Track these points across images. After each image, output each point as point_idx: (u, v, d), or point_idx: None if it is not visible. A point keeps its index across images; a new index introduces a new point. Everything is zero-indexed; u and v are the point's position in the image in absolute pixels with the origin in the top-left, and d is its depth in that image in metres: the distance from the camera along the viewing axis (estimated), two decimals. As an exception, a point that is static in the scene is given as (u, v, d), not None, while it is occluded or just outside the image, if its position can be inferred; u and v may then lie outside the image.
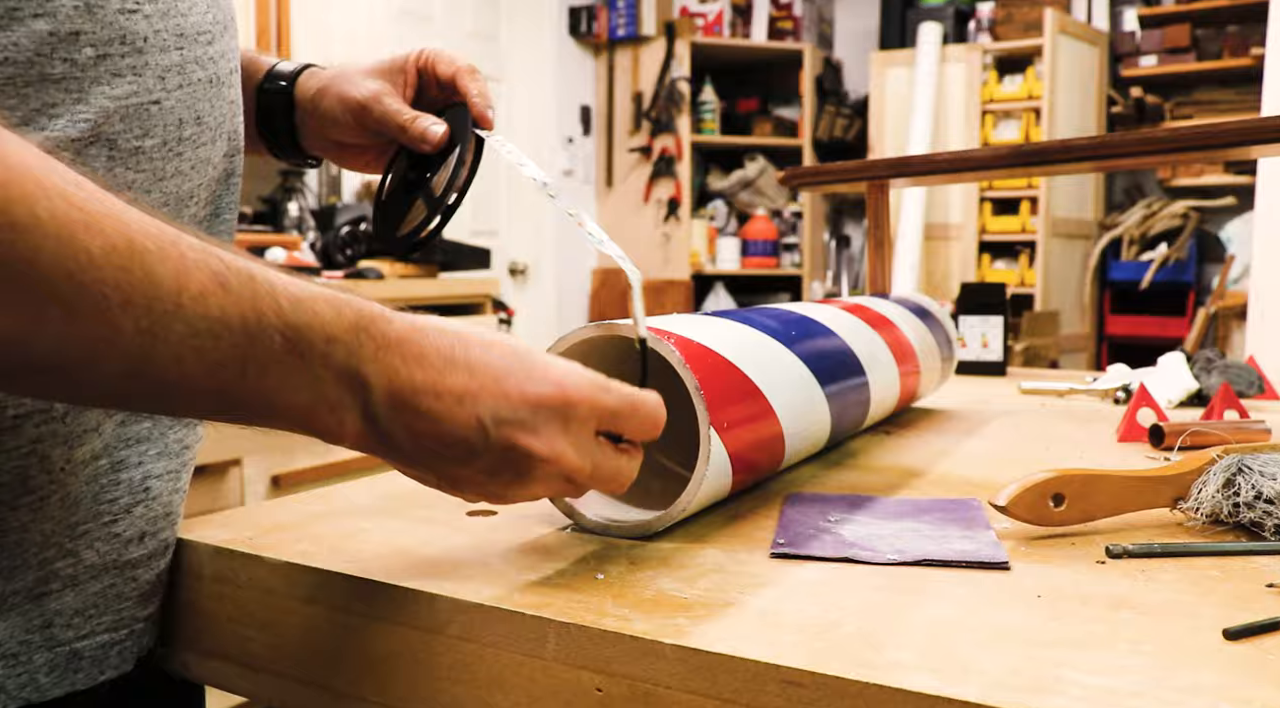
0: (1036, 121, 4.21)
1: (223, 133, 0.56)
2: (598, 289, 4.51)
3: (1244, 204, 4.05)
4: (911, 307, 0.95)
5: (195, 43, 0.52)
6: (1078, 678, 0.37)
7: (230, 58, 0.57)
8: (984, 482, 0.69)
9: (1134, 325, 4.43)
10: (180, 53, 0.51)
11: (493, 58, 4.04)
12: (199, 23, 0.53)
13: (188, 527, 0.57)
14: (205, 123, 0.54)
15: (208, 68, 0.53)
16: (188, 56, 0.52)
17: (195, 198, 0.55)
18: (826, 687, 0.37)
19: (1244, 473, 0.56)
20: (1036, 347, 3.81)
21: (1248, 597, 0.46)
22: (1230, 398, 0.93)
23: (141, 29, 0.49)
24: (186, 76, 0.52)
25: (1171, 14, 4.29)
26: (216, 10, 0.55)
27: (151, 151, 0.50)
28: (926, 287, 4.37)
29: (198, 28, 0.53)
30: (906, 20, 4.64)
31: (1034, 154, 1.14)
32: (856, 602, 0.45)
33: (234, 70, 0.58)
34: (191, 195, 0.54)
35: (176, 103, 0.51)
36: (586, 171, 4.53)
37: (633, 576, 0.49)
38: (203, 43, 0.53)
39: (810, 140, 4.65)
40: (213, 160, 0.55)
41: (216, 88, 0.55)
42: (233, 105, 0.57)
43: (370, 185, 3.27)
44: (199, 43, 0.53)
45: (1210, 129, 1.00)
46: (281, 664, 0.51)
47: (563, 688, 0.42)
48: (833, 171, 1.33)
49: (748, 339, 0.61)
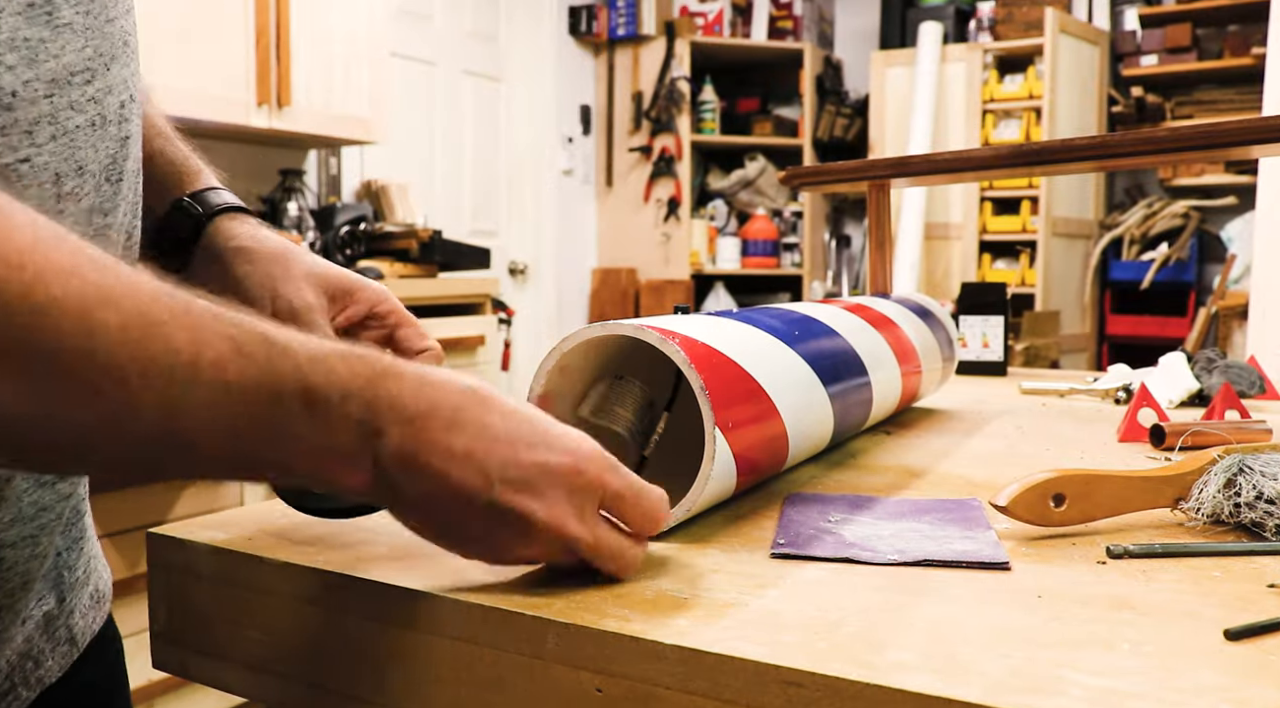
0: (1037, 121, 4.21)
1: (113, 174, 0.50)
2: (598, 289, 4.51)
3: (1245, 204, 4.05)
4: (912, 307, 0.95)
5: (69, 86, 0.46)
6: (1078, 679, 0.36)
7: (120, 90, 0.51)
8: (984, 482, 0.69)
9: (1135, 325, 4.43)
10: (51, 101, 0.45)
11: (492, 57, 4.04)
12: (73, 62, 0.47)
13: (188, 527, 0.57)
14: (88, 171, 0.48)
15: (87, 110, 0.48)
16: (60, 103, 0.46)
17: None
18: (827, 687, 0.37)
19: (1245, 473, 0.56)
20: (1037, 347, 3.81)
21: (1249, 597, 0.46)
22: (1231, 398, 0.92)
23: (6, 83, 0.43)
24: (60, 125, 0.46)
25: (1172, 13, 4.29)
26: (100, 41, 0.49)
27: None
28: (927, 286, 4.37)
29: (72, 68, 0.47)
30: (907, 20, 4.64)
31: (1034, 154, 1.14)
32: (857, 602, 0.45)
33: (126, 102, 0.51)
34: None
35: (50, 157, 0.46)
36: (586, 171, 4.53)
37: (633, 576, 0.48)
38: (79, 83, 0.47)
39: (810, 140, 4.65)
40: (101, 208, 0.50)
41: (101, 129, 0.49)
42: (125, 142, 0.51)
43: (370, 185, 3.27)
44: (74, 85, 0.47)
45: (1211, 129, 1.00)
46: (281, 664, 0.51)
47: (563, 688, 0.42)
48: (833, 171, 1.33)
49: (751, 339, 0.61)
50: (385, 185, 3.25)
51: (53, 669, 0.55)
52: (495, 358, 3.00)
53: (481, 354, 2.89)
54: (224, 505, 2.10)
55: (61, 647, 0.56)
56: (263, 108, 2.48)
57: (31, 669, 0.54)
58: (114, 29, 0.50)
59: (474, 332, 2.86)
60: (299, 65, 2.57)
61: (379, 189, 3.25)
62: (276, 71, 2.50)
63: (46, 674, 0.55)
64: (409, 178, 3.44)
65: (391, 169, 3.40)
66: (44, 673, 0.55)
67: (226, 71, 2.39)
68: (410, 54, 3.59)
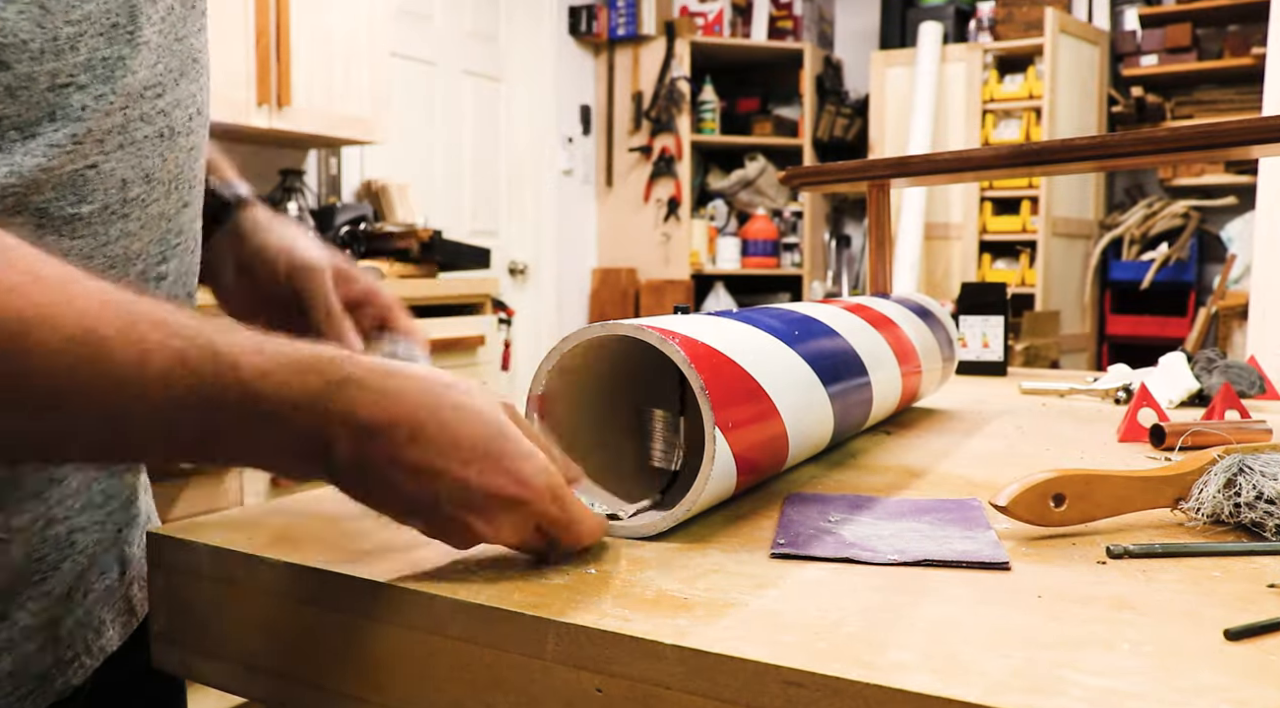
0: (1037, 121, 4.21)
1: (181, 183, 0.53)
2: (598, 289, 4.51)
3: (1245, 204, 4.05)
4: (912, 306, 0.95)
5: (141, 99, 0.49)
6: (1079, 679, 0.36)
7: (188, 103, 0.53)
8: (984, 482, 0.69)
9: (1135, 325, 4.43)
10: (124, 112, 0.48)
11: (492, 57, 4.04)
12: (146, 78, 0.49)
13: (188, 527, 0.57)
14: (156, 179, 0.50)
15: (156, 122, 0.50)
16: (132, 115, 0.48)
17: (144, 254, 0.52)
18: (827, 687, 0.37)
19: (1245, 473, 0.56)
20: (1037, 347, 3.81)
21: (1249, 597, 0.46)
22: (1231, 398, 0.92)
23: (76, 101, 0.45)
24: (129, 135, 0.48)
25: (1172, 13, 4.29)
26: (170, 58, 0.51)
27: (91, 217, 0.47)
28: (927, 286, 4.37)
29: (145, 83, 0.49)
30: (907, 20, 4.64)
31: (1034, 154, 1.14)
32: (857, 602, 0.45)
33: (194, 115, 0.54)
34: (140, 253, 0.51)
35: (118, 164, 0.48)
36: (586, 171, 4.53)
37: (633, 576, 0.48)
38: (150, 97, 0.49)
39: (810, 140, 4.65)
40: (167, 213, 0.52)
41: (169, 140, 0.51)
42: (191, 152, 0.54)
43: (370, 185, 3.27)
44: (145, 98, 0.49)
45: (1211, 129, 1.00)
46: (281, 664, 0.51)
47: (563, 688, 0.42)
48: (833, 171, 1.33)
49: (751, 339, 0.61)
50: (385, 185, 3.25)
51: (113, 639, 0.58)
52: (495, 358, 3.00)
53: (481, 354, 2.89)
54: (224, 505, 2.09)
55: (121, 617, 0.59)
56: (263, 108, 2.48)
57: (93, 639, 0.56)
58: (184, 47, 0.53)
59: (474, 332, 2.85)
60: (299, 65, 2.57)
61: (379, 189, 3.25)
62: (276, 71, 2.50)
63: (108, 644, 0.58)
64: (409, 178, 3.44)
65: (391, 169, 3.40)
66: (105, 642, 0.57)
67: (226, 71, 2.39)
68: (410, 54, 3.59)
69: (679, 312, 0.76)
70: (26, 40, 0.42)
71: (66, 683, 0.55)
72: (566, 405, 0.59)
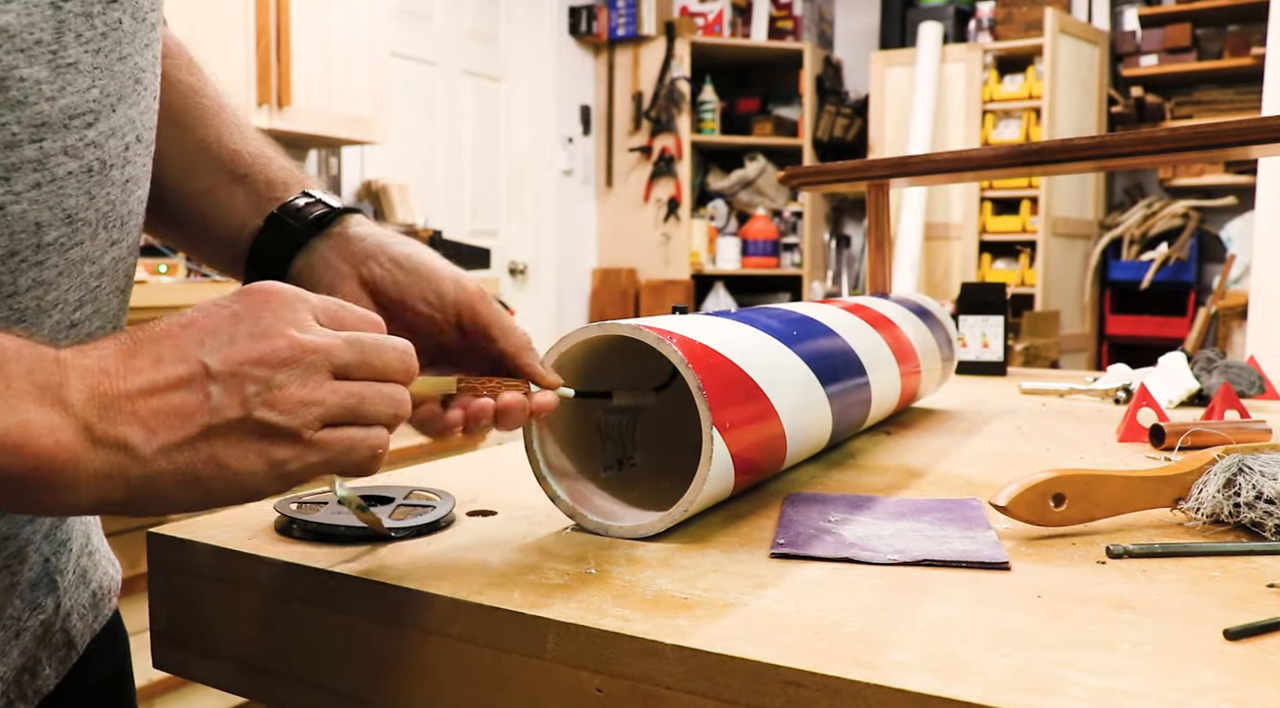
0: (1037, 121, 4.20)
1: (111, 221, 0.47)
2: (598, 288, 4.51)
3: (1244, 204, 4.05)
4: (912, 307, 0.95)
5: (64, 130, 0.43)
6: (1078, 679, 0.36)
7: (125, 131, 0.46)
8: (984, 482, 0.69)
9: (1134, 325, 4.43)
10: (39, 146, 0.41)
11: (492, 57, 4.04)
12: (74, 104, 0.43)
13: (188, 527, 0.57)
14: (81, 219, 0.44)
15: (84, 156, 0.44)
16: (50, 148, 0.42)
17: (61, 303, 0.45)
18: (827, 687, 0.37)
19: (1244, 473, 0.56)
20: (1037, 347, 3.81)
21: (1248, 597, 0.46)
22: (1231, 398, 0.92)
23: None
24: (48, 172, 0.42)
25: (1172, 13, 4.29)
26: (107, 81, 0.44)
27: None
28: (926, 286, 4.37)
29: (71, 111, 0.43)
30: (907, 20, 4.64)
31: (1034, 154, 1.14)
32: (857, 602, 0.45)
33: (132, 143, 0.47)
34: (57, 302, 0.45)
35: (30, 206, 0.42)
36: (586, 171, 4.53)
37: (633, 576, 0.48)
38: (77, 127, 0.43)
39: (810, 140, 4.65)
40: (91, 256, 0.46)
41: (100, 175, 0.45)
42: (127, 186, 0.47)
43: (370, 185, 3.27)
44: (71, 129, 0.43)
45: (1211, 129, 1.00)
46: (281, 664, 0.51)
47: (563, 688, 0.42)
48: (833, 171, 1.33)
49: (750, 339, 0.61)
50: (385, 185, 3.25)
51: (50, 678, 0.55)
52: (495, 358, 2.99)
53: (481, 354, 2.89)
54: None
55: (59, 652, 0.55)
56: (263, 108, 2.48)
57: (29, 682, 0.53)
58: (125, 67, 0.46)
59: (474, 332, 2.85)
60: (299, 65, 2.57)
61: (379, 189, 3.25)
62: (277, 72, 2.50)
63: (44, 684, 0.54)
64: (409, 178, 3.44)
65: (391, 169, 3.40)
66: (41, 683, 0.54)
67: (227, 72, 2.39)
68: (410, 54, 3.59)
69: (676, 312, 0.76)
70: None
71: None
72: (566, 406, 0.59)
